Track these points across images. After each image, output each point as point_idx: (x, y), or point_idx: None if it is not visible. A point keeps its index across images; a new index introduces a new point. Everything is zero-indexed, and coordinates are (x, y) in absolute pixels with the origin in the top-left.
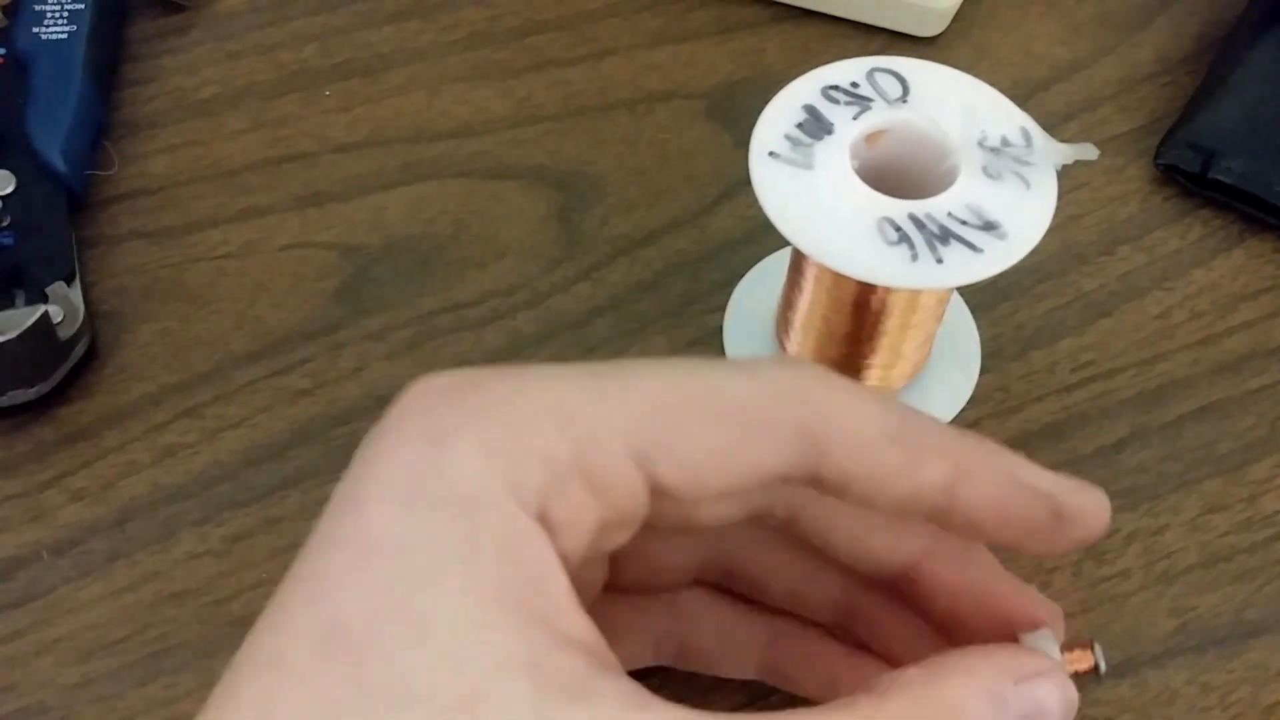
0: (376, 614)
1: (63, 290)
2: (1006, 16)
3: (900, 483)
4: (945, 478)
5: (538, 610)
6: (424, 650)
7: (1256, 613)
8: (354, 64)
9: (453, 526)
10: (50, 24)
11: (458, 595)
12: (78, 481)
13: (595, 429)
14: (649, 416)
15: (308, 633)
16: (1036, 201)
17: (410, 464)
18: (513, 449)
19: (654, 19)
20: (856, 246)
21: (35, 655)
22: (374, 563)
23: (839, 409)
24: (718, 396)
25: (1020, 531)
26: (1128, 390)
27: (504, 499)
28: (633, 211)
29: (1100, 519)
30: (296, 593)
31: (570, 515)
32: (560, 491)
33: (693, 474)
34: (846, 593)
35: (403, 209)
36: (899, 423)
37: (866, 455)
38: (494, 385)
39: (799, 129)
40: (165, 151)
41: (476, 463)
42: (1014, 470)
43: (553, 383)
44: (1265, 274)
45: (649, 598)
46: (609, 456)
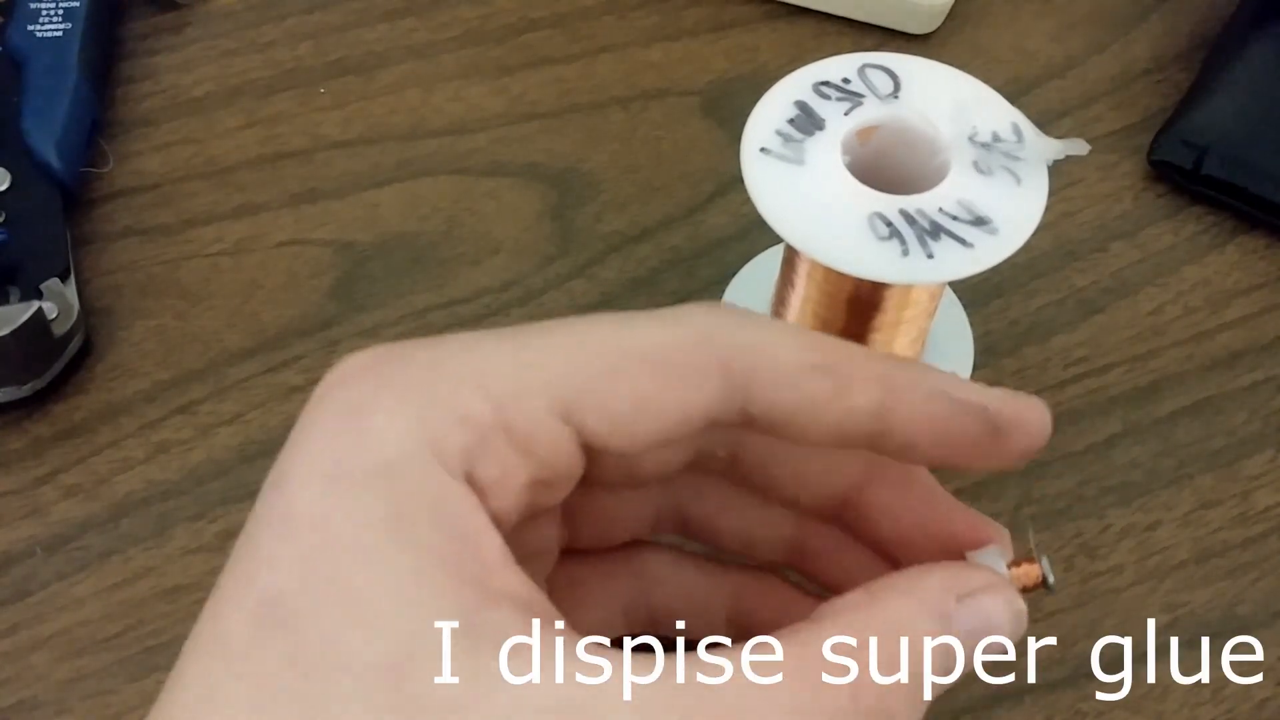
0: (304, 586)
1: (57, 287)
2: (1000, 14)
3: (829, 412)
4: (874, 401)
5: (468, 570)
6: (352, 616)
7: (1249, 608)
8: (348, 61)
9: (376, 494)
10: (45, 22)
11: (384, 560)
12: (72, 478)
13: (516, 387)
14: (570, 370)
15: (241, 611)
16: (1027, 197)
17: (330, 437)
18: (431, 412)
19: (648, 17)
20: (847, 241)
21: (29, 651)
22: (300, 537)
23: (759, 344)
24: (638, 345)
25: (958, 448)
26: (1121, 386)
27: (426, 462)
28: (627, 208)
29: (1040, 427)
30: (231, 575)
31: (498, 474)
32: (485, 451)
33: (620, 424)
34: (796, 530)
35: (397, 206)
36: (822, 352)
37: (792, 387)
38: (412, 355)
39: (791, 125)
40: (160, 149)
41: (395, 429)
42: (944, 387)
43: (471, 347)
44: (1258, 270)
45: (613, 563)
46: (532, 413)
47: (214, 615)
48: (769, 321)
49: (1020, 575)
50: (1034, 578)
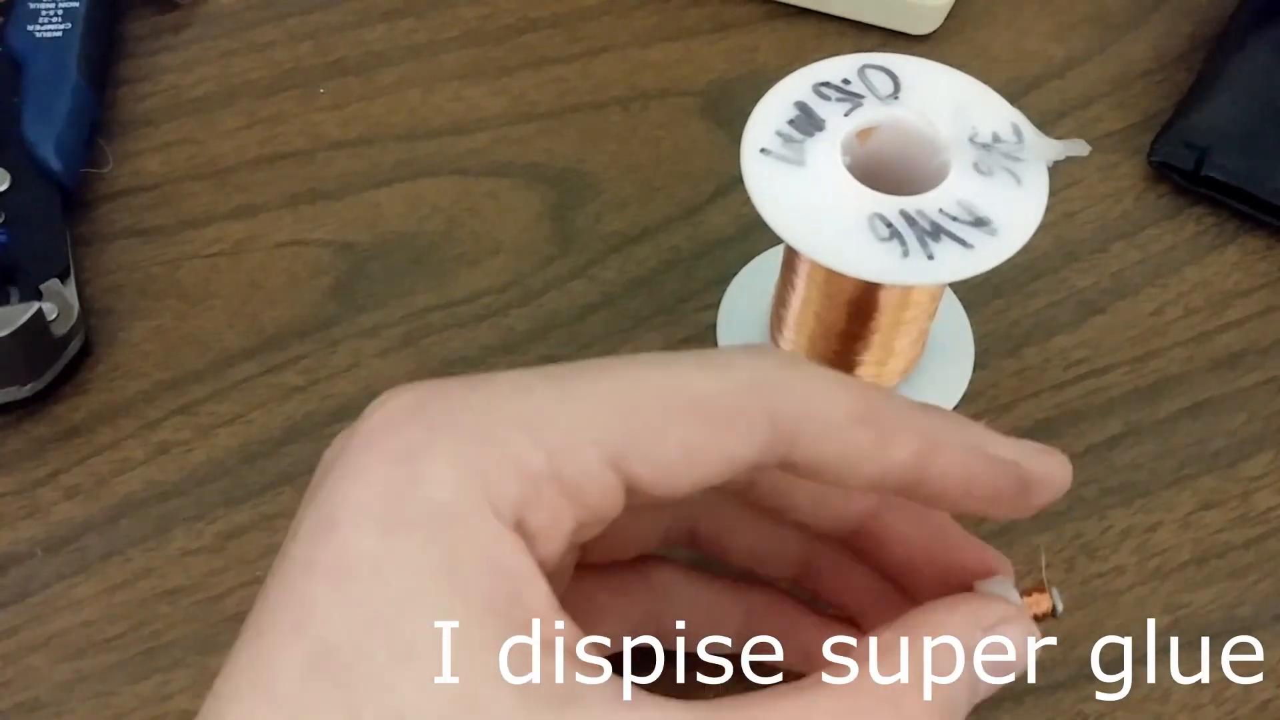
0: (360, 637)
1: (57, 287)
2: (1000, 14)
3: (870, 463)
4: (914, 455)
5: (520, 620)
6: (410, 669)
7: (1250, 609)
8: (348, 62)
9: (430, 543)
10: (45, 22)
11: (441, 612)
12: (72, 478)
13: (567, 436)
14: (620, 419)
15: (292, 660)
16: (1028, 197)
17: (383, 483)
18: (486, 461)
19: (648, 17)
20: (847, 242)
21: (29, 652)
22: (355, 586)
23: (807, 396)
24: (687, 393)
25: (987, 501)
26: (1121, 387)
27: (480, 512)
28: (626, 209)
29: (1062, 481)
30: (278, 620)
31: (547, 522)
32: (536, 500)
33: (667, 471)
34: (805, 549)
35: (397, 206)
36: (867, 404)
37: (836, 439)
38: (461, 398)
39: (791, 125)
40: (160, 149)
41: (450, 477)
42: (981, 443)
43: (521, 391)
44: (1258, 271)
45: (625, 579)
46: (583, 462)
47: (257, 660)
48: (816, 370)
49: (1031, 603)
50: (1045, 606)
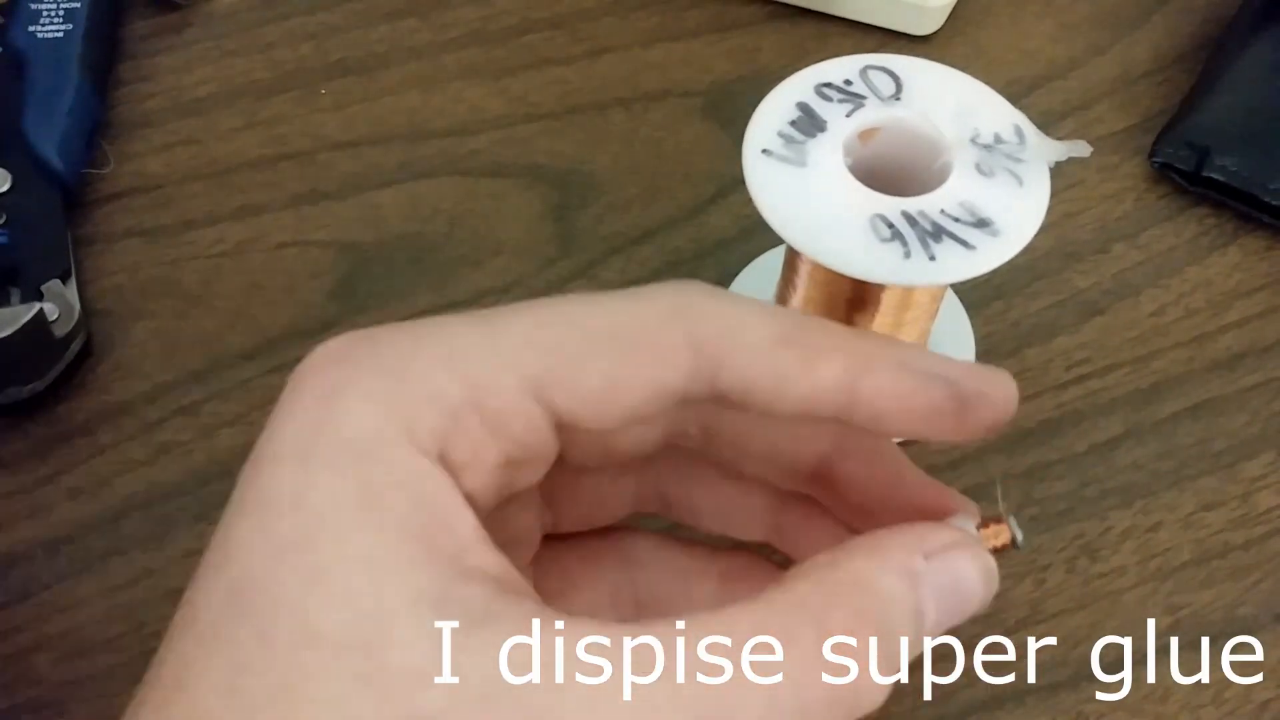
0: (275, 565)
1: (58, 288)
2: (1002, 15)
3: (798, 384)
4: (842, 374)
5: (442, 547)
6: (322, 593)
7: (1250, 610)
8: (349, 62)
9: (348, 474)
10: (46, 22)
11: (356, 538)
12: (73, 479)
13: (487, 366)
14: (540, 349)
15: (215, 594)
16: (1029, 198)
17: (303, 420)
18: (403, 394)
19: (650, 18)
20: (849, 243)
21: (30, 652)
22: (273, 518)
23: (728, 318)
24: (608, 323)
25: (925, 420)
26: (1122, 388)
27: (398, 443)
28: (628, 210)
29: (1004, 399)
30: (207, 560)
31: (471, 454)
32: (457, 431)
33: (592, 401)
34: (771, 509)
35: (398, 207)
36: (790, 326)
37: (760, 360)
38: (384, 338)
39: (792, 126)
40: (161, 150)
41: (367, 410)
42: (909, 360)
43: (442, 329)
44: (1259, 271)
45: (598, 549)
46: (503, 392)
47: (190, 599)
48: (739, 297)
49: (989, 535)
50: (1003, 538)
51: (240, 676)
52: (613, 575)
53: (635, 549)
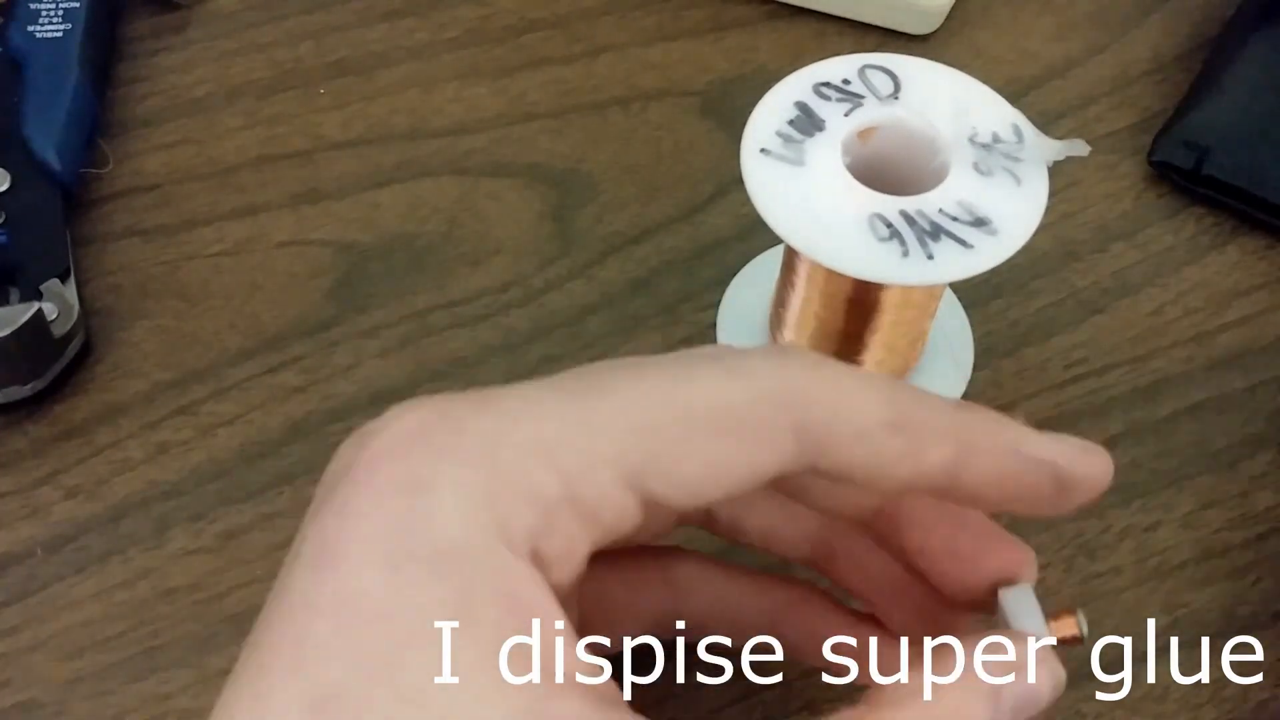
0: (366, 680)
1: (57, 287)
2: (1000, 14)
3: (902, 469)
4: (948, 460)
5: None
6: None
7: (1249, 609)
8: (348, 62)
9: (442, 582)
10: (45, 22)
11: (451, 654)
12: (72, 478)
13: (583, 459)
14: (637, 438)
15: (291, 701)
16: (1027, 198)
17: (390, 517)
18: (498, 491)
19: (648, 17)
20: (847, 243)
21: (29, 651)
22: (361, 627)
23: (836, 402)
24: (707, 406)
25: (1025, 502)
26: (1121, 387)
27: (493, 546)
28: (626, 209)
29: (1103, 478)
30: (278, 659)
31: (563, 549)
32: (551, 528)
33: (688, 488)
34: (821, 530)
35: (397, 206)
36: (898, 408)
37: (866, 446)
38: (470, 420)
39: (791, 126)
40: (160, 149)
41: (461, 510)
42: (1018, 443)
43: (532, 410)
44: (1258, 270)
45: (643, 571)
46: (600, 485)
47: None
48: (843, 371)
49: (1057, 629)
50: (1071, 631)
51: None
52: (659, 600)
53: (681, 574)
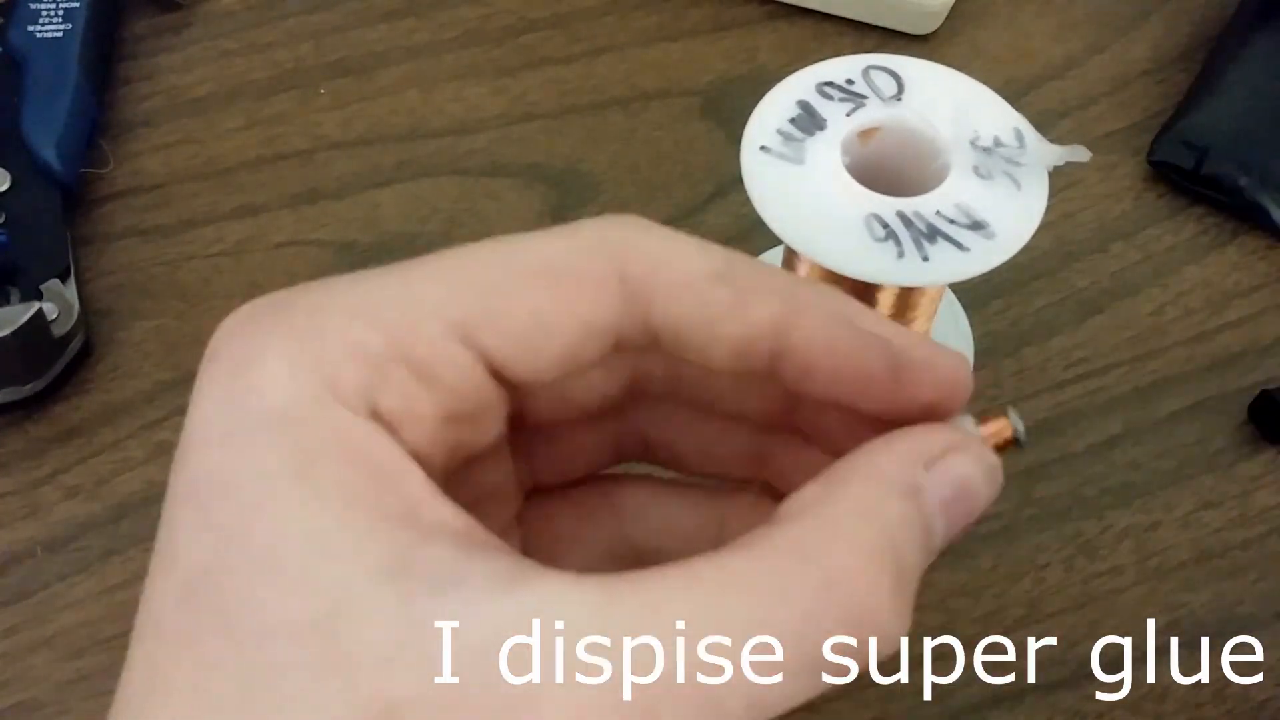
0: (222, 554)
1: (57, 287)
2: (1000, 14)
3: (729, 326)
4: (775, 316)
5: (391, 507)
6: (273, 577)
7: (1249, 608)
8: (348, 62)
9: (276, 446)
10: (46, 22)
11: (298, 513)
12: (72, 478)
13: (407, 312)
14: (463, 290)
15: (169, 593)
16: (1026, 202)
17: (219, 396)
18: (322, 352)
19: (648, 17)
20: (843, 242)
21: (29, 651)
22: (208, 505)
23: (659, 253)
24: (530, 260)
25: (856, 382)
26: (1121, 387)
27: (323, 403)
28: (626, 209)
29: (952, 379)
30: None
31: (405, 406)
32: (385, 383)
33: (521, 343)
34: (755, 445)
35: (397, 206)
36: (724, 262)
37: (692, 296)
38: (297, 298)
39: (792, 124)
40: (160, 149)
41: (285, 374)
42: (848, 313)
43: (356, 282)
44: (1258, 271)
45: (588, 502)
46: (427, 336)
47: (147, 598)
48: (673, 232)
49: (990, 434)
50: (1005, 434)
51: (209, 677)
52: (608, 528)
53: (628, 499)
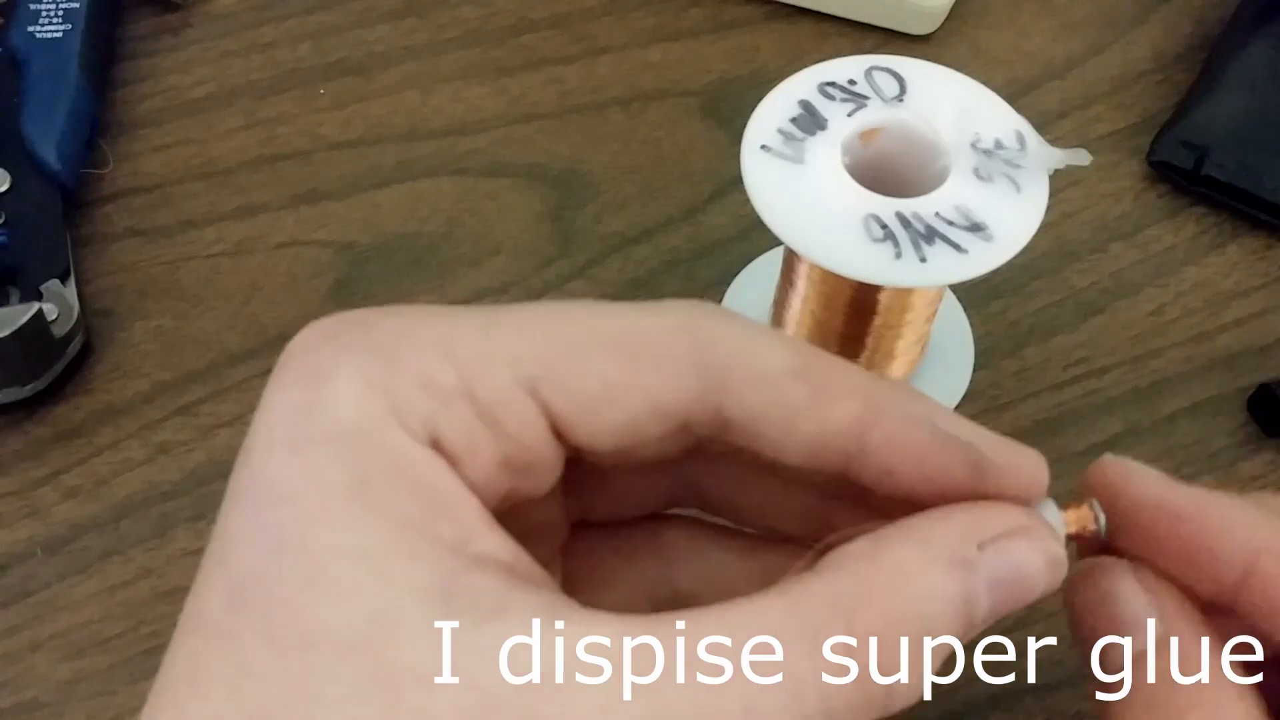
0: (272, 563)
1: (57, 288)
2: (1000, 14)
3: (807, 421)
4: (854, 417)
5: (443, 534)
6: (321, 589)
7: None
8: (348, 62)
9: (339, 461)
10: (45, 23)
11: (352, 529)
12: (72, 479)
13: (481, 355)
14: (539, 345)
15: (216, 591)
16: (1026, 205)
17: (290, 405)
18: (393, 377)
19: (648, 17)
20: (841, 242)
21: (29, 652)
22: (266, 511)
23: (739, 342)
24: (611, 327)
25: (938, 486)
26: (1120, 387)
27: (389, 426)
28: (626, 209)
29: (1031, 476)
30: (208, 554)
31: (466, 443)
32: (449, 417)
33: (587, 406)
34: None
35: (397, 207)
36: (804, 358)
37: (770, 391)
38: (376, 320)
39: (793, 124)
40: (160, 150)
41: (355, 394)
42: (929, 414)
43: (437, 315)
44: (1257, 271)
45: (633, 541)
46: (497, 382)
47: (195, 594)
48: (753, 323)
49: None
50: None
51: (247, 680)
52: (650, 568)
53: (672, 541)
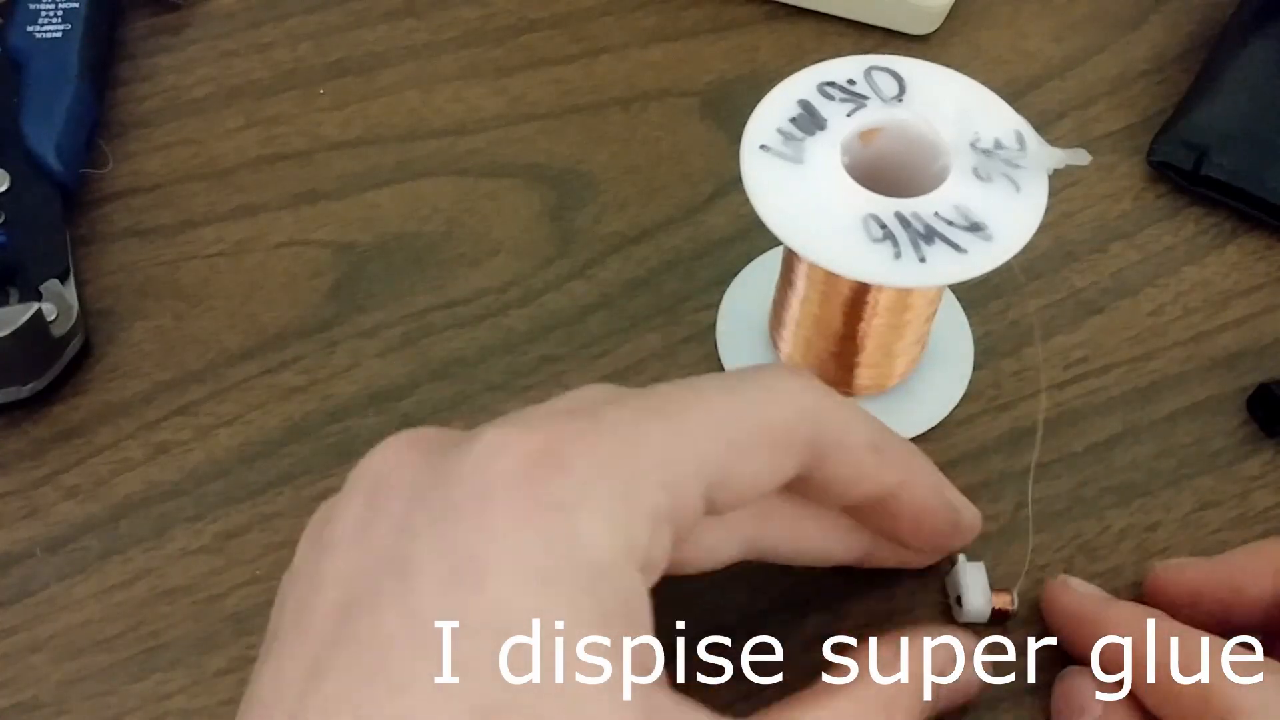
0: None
1: (57, 288)
2: (1000, 14)
3: (868, 483)
4: (897, 483)
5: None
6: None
7: None
8: (348, 62)
9: (589, 599)
10: (45, 22)
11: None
12: (71, 479)
13: (682, 477)
14: (716, 450)
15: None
16: (1025, 205)
17: (539, 536)
18: (629, 513)
19: (648, 17)
20: (840, 242)
21: (28, 652)
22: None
23: (843, 423)
24: (758, 423)
25: (928, 535)
26: (1120, 387)
27: (626, 566)
28: (626, 209)
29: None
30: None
31: (660, 559)
32: (658, 542)
33: (736, 493)
34: (869, 544)
35: (396, 207)
36: (878, 433)
37: (855, 459)
38: (592, 444)
39: (793, 124)
40: (159, 150)
41: (605, 533)
42: (941, 486)
43: (641, 434)
44: (1257, 271)
45: None
46: (693, 501)
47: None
48: (843, 400)
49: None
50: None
51: None
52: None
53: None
